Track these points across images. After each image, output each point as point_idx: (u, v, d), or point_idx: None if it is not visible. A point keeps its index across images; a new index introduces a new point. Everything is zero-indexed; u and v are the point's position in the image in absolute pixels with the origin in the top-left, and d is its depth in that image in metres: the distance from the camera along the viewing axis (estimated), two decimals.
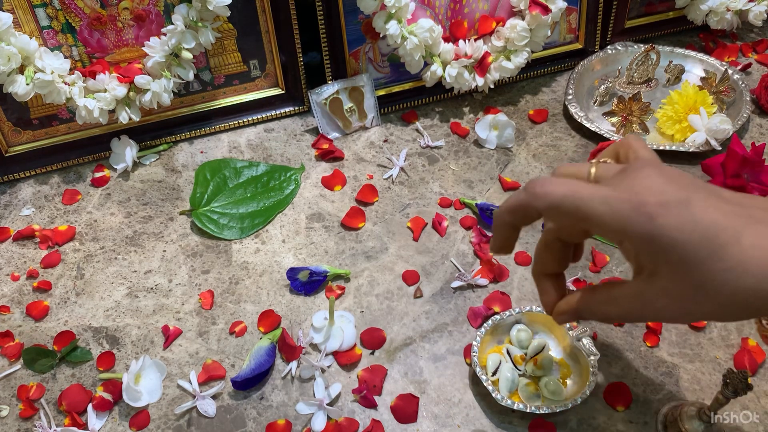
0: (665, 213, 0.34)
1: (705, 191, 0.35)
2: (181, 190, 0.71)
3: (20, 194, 0.72)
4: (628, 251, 0.37)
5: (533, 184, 0.37)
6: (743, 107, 0.75)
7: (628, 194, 0.35)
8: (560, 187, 0.36)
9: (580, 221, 0.36)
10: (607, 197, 0.35)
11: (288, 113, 0.80)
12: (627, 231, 0.34)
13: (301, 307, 0.60)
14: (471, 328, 0.57)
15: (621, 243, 0.36)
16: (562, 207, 0.36)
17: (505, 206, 0.39)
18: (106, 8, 0.69)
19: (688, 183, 0.36)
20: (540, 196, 0.36)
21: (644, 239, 0.34)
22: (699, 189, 0.35)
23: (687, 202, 0.34)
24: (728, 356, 0.54)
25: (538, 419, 0.50)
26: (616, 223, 0.34)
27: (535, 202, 0.37)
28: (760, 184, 0.64)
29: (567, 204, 0.35)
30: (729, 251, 0.33)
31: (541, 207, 0.37)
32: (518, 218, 0.39)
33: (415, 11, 0.74)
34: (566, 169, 0.41)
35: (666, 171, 0.36)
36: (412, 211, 0.68)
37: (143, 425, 0.52)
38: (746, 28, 0.89)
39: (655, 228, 0.34)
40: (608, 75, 0.83)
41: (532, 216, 0.38)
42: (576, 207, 0.35)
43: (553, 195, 0.36)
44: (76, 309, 0.60)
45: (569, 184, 0.36)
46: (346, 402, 0.53)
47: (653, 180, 0.35)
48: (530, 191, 0.37)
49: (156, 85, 0.70)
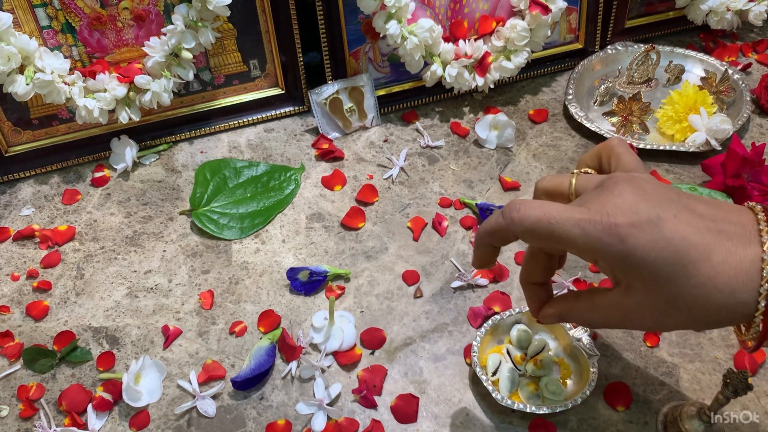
0: (636, 233, 0.35)
1: (678, 206, 0.36)
2: (181, 190, 0.71)
3: (20, 194, 0.72)
4: (603, 268, 0.38)
5: (509, 208, 0.38)
6: (743, 107, 0.75)
7: (599, 216, 0.35)
8: (534, 211, 0.37)
9: (555, 243, 0.37)
10: (579, 220, 0.36)
11: (288, 113, 0.80)
12: (600, 252, 0.36)
13: (301, 307, 0.60)
14: (471, 328, 0.57)
15: (596, 262, 0.37)
16: (536, 231, 0.37)
17: (484, 228, 0.41)
18: (106, 8, 0.69)
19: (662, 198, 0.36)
20: (516, 221, 0.38)
21: (617, 259, 0.35)
22: (672, 204, 0.36)
23: (658, 220, 0.35)
24: (728, 356, 0.54)
25: (538, 419, 0.50)
26: (588, 246, 0.36)
27: (512, 226, 0.38)
28: (760, 184, 0.64)
29: (541, 228, 0.37)
30: (699, 268, 0.34)
31: (517, 231, 0.38)
32: (497, 240, 0.41)
33: (415, 11, 0.74)
34: (548, 182, 0.43)
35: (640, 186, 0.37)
36: (412, 211, 0.68)
37: (143, 425, 0.52)
38: (746, 28, 0.89)
39: (626, 248, 0.35)
40: (608, 75, 0.83)
41: (509, 239, 0.40)
42: (550, 231, 0.36)
43: (528, 220, 0.37)
44: (76, 309, 0.60)
45: (543, 207, 0.37)
46: (346, 402, 0.53)
47: (625, 198, 0.36)
48: (506, 216, 0.38)
49: (156, 85, 0.70)
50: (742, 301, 0.34)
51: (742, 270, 0.34)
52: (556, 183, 0.42)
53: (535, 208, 0.37)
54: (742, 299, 0.34)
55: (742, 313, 0.34)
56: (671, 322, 0.36)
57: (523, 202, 0.38)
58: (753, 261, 0.34)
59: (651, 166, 0.71)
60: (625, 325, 0.39)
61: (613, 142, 0.42)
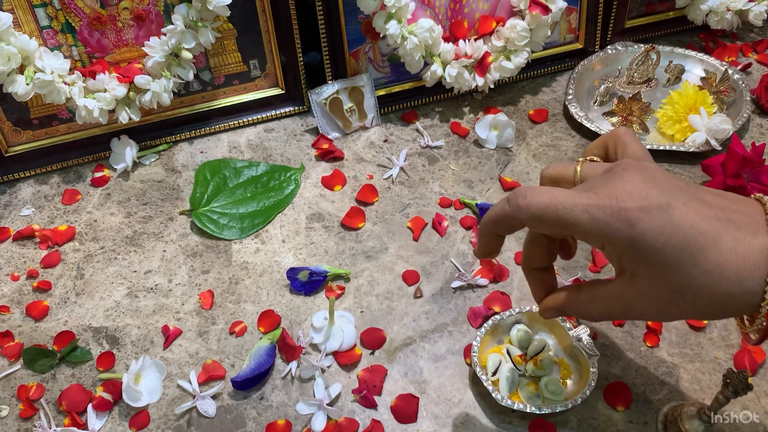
0: (646, 218, 0.34)
1: (687, 195, 0.36)
2: (181, 190, 0.71)
3: (20, 194, 0.72)
4: (610, 255, 0.37)
5: (516, 195, 0.38)
6: (743, 107, 0.75)
7: (608, 200, 0.35)
8: (541, 197, 0.37)
9: (562, 229, 0.37)
10: (587, 206, 0.35)
11: (288, 113, 0.80)
12: (608, 237, 0.35)
13: (301, 307, 0.60)
14: (471, 328, 0.57)
15: (603, 248, 0.37)
16: (543, 218, 0.37)
17: (489, 216, 0.40)
18: (106, 8, 0.69)
19: (671, 186, 0.36)
20: (522, 208, 0.37)
21: (625, 244, 0.35)
22: (681, 192, 0.36)
23: (667, 206, 0.35)
24: (728, 356, 0.54)
25: (538, 419, 0.50)
26: (597, 231, 0.35)
27: (518, 213, 0.38)
28: (760, 184, 0.64)
29: (548, 215, 0.36)
30: (707, 255, 0.34)
31: (524, 218, 0.38)
32: (502, 228, 0.40)
33: (415, 11, 0.74)
34: (553, 170, 0.42)
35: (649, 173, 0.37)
36: (412, 211, 0.68)
37: (143, 425, 0.52)
38: (746, 28, 0.89)
39: (635, 233, 0.34)
40: (608, 75, 0.83)
41: (515, 226, 0.39)
42: (557, 217, 0.36)
43: (535, 207, 0.37)
44: (76, 309, 0.60)
45: (550, 193, 0.37)
46: (346, 402, 0.53)
47: (635, 184, 0.36)
48: (513, 203, 0.38)
49: (156, 85, 0.70)
50: (748, 290, 0.33)
51: (750, 258, 0.33)
52: (561, 170, 0.42)
53: (542, 194, 0.37)
54: (748, 288, 0.33)
55: (747, 302, 0.34)
56: (675, 311, 0.36)
57: (529, 189, 0.37)
58: (761, 250, 0.33)
59: None
60: (627, 316, 0.39)
61: (620, 131, 0.42)
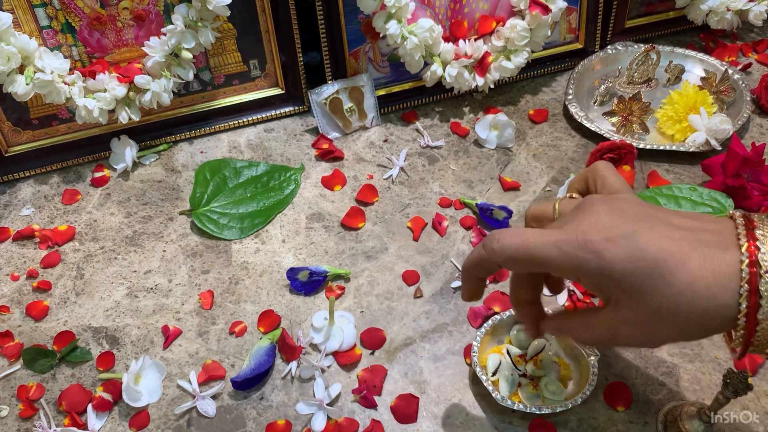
0: (612, 247, 0.35)
1: (654, 220, 0.36)
2: (181, 190, 0.71)
3: (20, 194, 0.71)
4: (588, 286, 0.39)
5: (489, 239, 0.40)
6: (743, 107, 0.75)
7: (575, 234, 0.37)
8: (513, 239, 0.38)
9: (537, 267, 0.38)
10: (555, 241, 0.37)
11: (288, 113, 0.80)
12: (580, 269, 0.36)
13: (301, 307, 0.60)
14: (471, 328, 0.57)
15: (580, 280, 0.38)
16: (518, 258, 0.38)
17: (468, 262, 0.43)
18: (105, 8, 0.69)
19: (638, 214, 0.37)
20: (497, 251, 0.39)
21: (597, 275, 0.36)
22: (648, 219, 0.37)
23: (633, 233, 0.36)
24: (728, 356, 0.54)
25: (538, 419, 0.50)
26: (567, 264, 0.37)
27: (493, 256, 0.39)
28: (760, 184, 0.64)
29: (521, 255, 0.38)
30: (677, 275, 0.34)
31: (500, 261, 0.39)
32: (481, 272, 0.42)
33: (415, 11, 0.74)
34: (535, 209, 0.45)
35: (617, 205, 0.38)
36: (412, 211, 0.68)
37: (143, 425, 0.52)
38: (746, 28, 0.89)
39: (604, 263, 0.35)
40: (608, 75, 0.83)
41: (492, 269, 0.41)
42: (530, 256, 0.38)
43: (509, 249, 0.39)
44: (76, 309, 0.60)
45: (521, 234, 0.38)
46: (346, 402, 0.53)
47: (600, 217, 0.37)
48: (488, 247, 0.40)
49: (156, 85, 0.70)
50: (723, 304, 0.34)
51: (720, 273, 0.34)
52: (542, 209, 0.44)
53: (514, 236, 0.38)
54: (723, 302, 0.34)
55: (725, 316, 0.34)
56: (660, 334, 0.37)
57: (502, 232, 0.39)
58: (730, 264, 0.34)
59: (651, 166, 0.71)
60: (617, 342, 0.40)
61: (599, 165, 0.44)
